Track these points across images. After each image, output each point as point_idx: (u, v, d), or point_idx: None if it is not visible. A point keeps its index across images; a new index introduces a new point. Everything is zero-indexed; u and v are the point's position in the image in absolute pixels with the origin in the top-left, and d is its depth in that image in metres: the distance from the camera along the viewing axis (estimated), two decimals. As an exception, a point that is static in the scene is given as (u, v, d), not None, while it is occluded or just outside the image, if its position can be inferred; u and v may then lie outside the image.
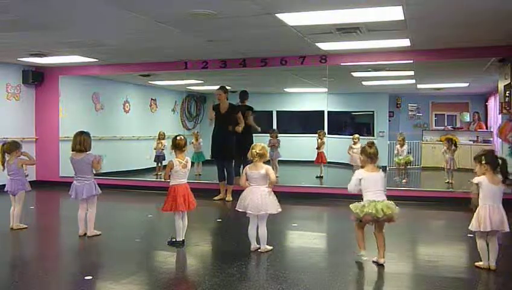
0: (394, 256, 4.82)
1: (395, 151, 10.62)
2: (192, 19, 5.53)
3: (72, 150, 5.58)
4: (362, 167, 4.55)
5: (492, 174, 4.21)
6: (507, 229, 4.20)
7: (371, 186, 4.39)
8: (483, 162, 4.24)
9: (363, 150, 4.54)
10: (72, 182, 5.64)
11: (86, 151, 5.55)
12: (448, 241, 5.68)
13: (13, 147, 5.98)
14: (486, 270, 4.23)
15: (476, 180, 4.25)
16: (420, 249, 5.46)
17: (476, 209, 4.24)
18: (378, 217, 4.28)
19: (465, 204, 4.41)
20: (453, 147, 9.69)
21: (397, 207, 4.39)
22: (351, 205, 4.43)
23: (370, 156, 4.46)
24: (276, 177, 10.17)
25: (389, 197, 4.46)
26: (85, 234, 5.57)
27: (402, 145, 10.36)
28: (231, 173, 8.20)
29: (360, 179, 4.42)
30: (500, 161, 4.27)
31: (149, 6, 5.12)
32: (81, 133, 5.61)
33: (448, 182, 9.61)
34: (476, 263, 4.33)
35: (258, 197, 4.72)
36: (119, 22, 5.82)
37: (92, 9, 5.20)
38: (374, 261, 4.46)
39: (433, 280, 4.07)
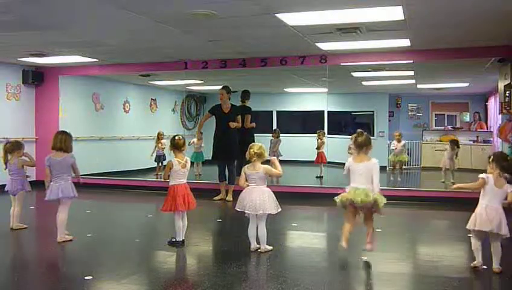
0: (394, 256, 4.83)
1: (392, 147, 10.55)
2: (192, 19, 5.53)
3: (53, 149, 5.35)
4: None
5: (497, 175, 4.18)
6: (505, 233, 4.11)
7: (355, 176, 4.47)
8: (490, 160, 4.24)
9: (353, 139, 4.57)
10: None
11: (67, 152, 5.37)
12: (448, 241, 5.67)
13: (15, 147, 5.98)
14: (486, 271, 4.22)
15: (483, 175, 4.21)
16: (420, 249, 5.45)
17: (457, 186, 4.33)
18: (356, 201, 4.34)
19: (466, 205, 4.39)
20: (456, 149, 9.74)
21: (381, 196, 4.40)
22: (335, 197, 4.52)
23: (359, 145, 4.51)
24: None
25: (388, 197, 4.46)
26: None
27: (399, 141, 10.32)
28: (233, 173, 8.20)
29: (349, 168, 4.51)
30: (506, 164, 4.20)
31: (149, 6, 5.12)
32: (63, 132, 5.50)
33: (443, 182, 9.63)
34: (472, 264, 4.30)
35: (256, 197, 4.72)
36: (119, 22, 5.82)
37: (92, 9, 5.20)
38: (363, 249, 4.51)
39: (433, 280, 4.07)
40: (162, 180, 5.22)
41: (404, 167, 10.57)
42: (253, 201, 4.71)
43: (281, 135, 11.42)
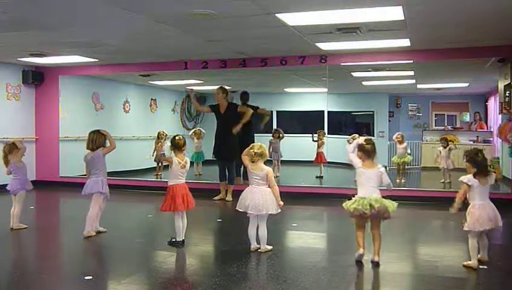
0: (394, 256, 4.82)
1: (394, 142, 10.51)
2: (192, 19, 5.53)
3: (87, 148, 5.66)
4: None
5: (478, 173, 4.26)
6: (500, 225, 4.27)
7: (363, 182, 4.44)
8: (465, 160, 4.34)
9: (360, 147, 4.55)
10: (70, 182, 5.65)
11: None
12: (448, 241, 5.68)
13: (12, 147, 6.01)
14: (485, 271, 4.23)
15: (465, 179, 4.29)
16: (420, 249, 5.45)
17: (455, 209, 4.31)
18: (365, 212, 4.31)
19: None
20: (448, 147, 9.73)
21: (393, 203, 4.42)
22: (343, 204, 4.48)
23: (367, 152, 4.49)
24: (277, 176, 10.32)
25: (389, 197, 4.46)
26: (99, 231, 5.63)
27: (401, 143, 10.31)
28: (232, 173, 8.20)
29: (356, 169, 4.48)
30: (480, 157, 4.30)
31: (149, 6, 5.12)
32: (95, 132, 5.73)
33: (443, 182, 9.62)
34: (464, 263, 4.34)
35: (258, 197, 4.72)
36: (119, 22, 5.82)
37: (92, 9, 5.20)
38: (371, 261, 4.46)
39: (433, 280, 4.07)
40: (162, 180, 5.24)
41: (406, 167, 10.57)
42: (256, 201, 4.71)
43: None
